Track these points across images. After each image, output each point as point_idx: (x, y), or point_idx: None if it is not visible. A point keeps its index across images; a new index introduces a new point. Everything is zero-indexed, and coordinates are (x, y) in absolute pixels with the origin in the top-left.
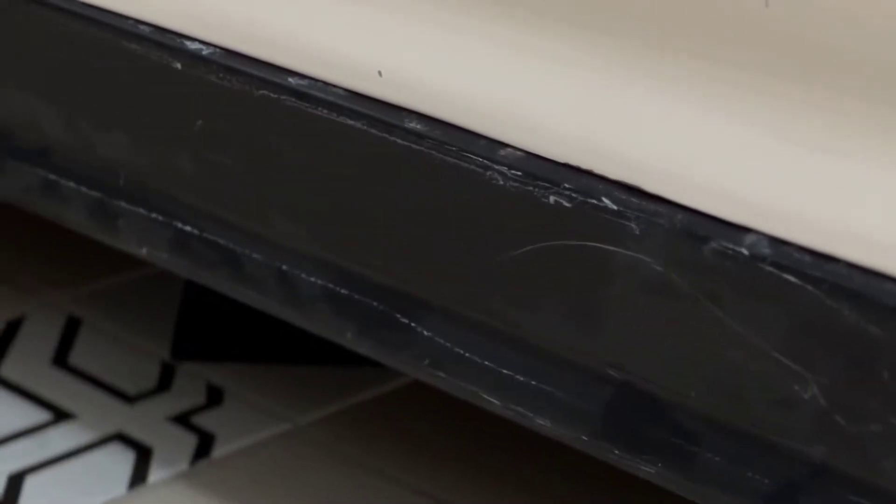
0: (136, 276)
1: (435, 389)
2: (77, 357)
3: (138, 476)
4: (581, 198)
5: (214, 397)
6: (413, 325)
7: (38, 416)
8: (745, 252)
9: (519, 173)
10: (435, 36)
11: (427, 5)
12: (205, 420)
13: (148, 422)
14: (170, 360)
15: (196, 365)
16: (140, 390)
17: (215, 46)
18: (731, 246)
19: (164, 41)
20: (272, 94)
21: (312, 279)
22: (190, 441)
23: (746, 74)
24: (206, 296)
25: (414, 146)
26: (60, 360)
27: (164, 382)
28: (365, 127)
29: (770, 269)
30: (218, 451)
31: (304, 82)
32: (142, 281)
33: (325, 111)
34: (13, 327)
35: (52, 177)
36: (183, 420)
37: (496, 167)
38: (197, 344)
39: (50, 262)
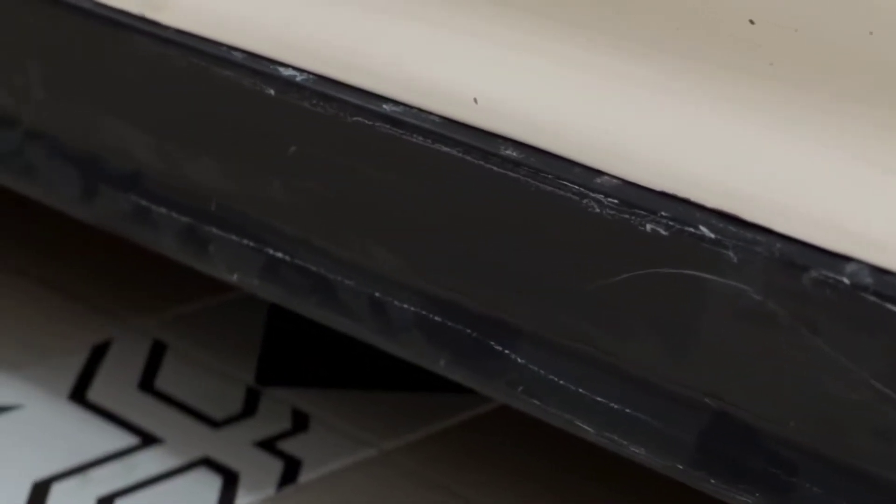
0: (221, 300)
1: (521, 414)
2: (163, 381)
3: (225, 501)
4: (678, 226)
5: (300, 423)
6: (507, 352)
7: (126, 440)
8: (846, 281)
9: (615, 201)
10: (530, 63)
11: (521, 34)
12: (290, 445)
13: (234, 447)
14: (255, 386)
15: (281, 390)
16: (226, 415)
17: (309, 73)
18: (831, 275)
19: (258, 67)
20: (366, 121)
21: (405, 306)
22: (276, 466)
23: (846, 103)
24: (290, 321)
25: (510, 174)
26: (146, 384)
27: (250, 408)
28: (460, 154)
29: (871, 298)
30: (304, 477)
31: (399, 109)
32: (226, 306)
33: (419, 138)
34: (100, 351)
35: (144, 202)
36: (269, 445)
37: (592, 195)
38: (281, 369)
39: (135, 286)
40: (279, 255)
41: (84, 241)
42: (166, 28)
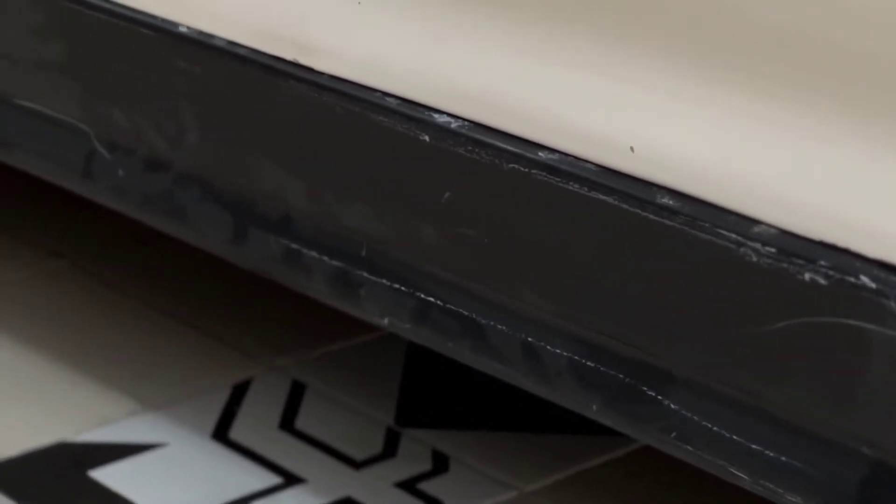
0: (360, 341)
1: (664, 456)
2: (303, 421)
3: None
4: (838, 275)
5: (440, 464)
6: (660, 398)
7: (269, 479)
8: None
9: (773, 250)
10: (687, 111)
11: (678, 81)
12: (431, 487)
13: (375, 488)
14: (395, 426)
15: (421, 431)
16: (366, 456)
17: (464, 119)
18: None
19: (412, 114)
20: (522, 168)
21: (558, 351)
22: None
23: None
24: (428, 361)
25: (666, 222)
26: (287, 424)
27: (390, 448)
28: (616, 202)
29: None
30: None
31: (555, 157)
32: (365, 346)
33: (575, 186)
34: (240, 391)
35: (295, 246)
36: (409, 486)
37: (749, 244)
38: (421, 410)
39: (275, 327)
40: (431, 299)
41: (226, 281)
42: (320, 74)
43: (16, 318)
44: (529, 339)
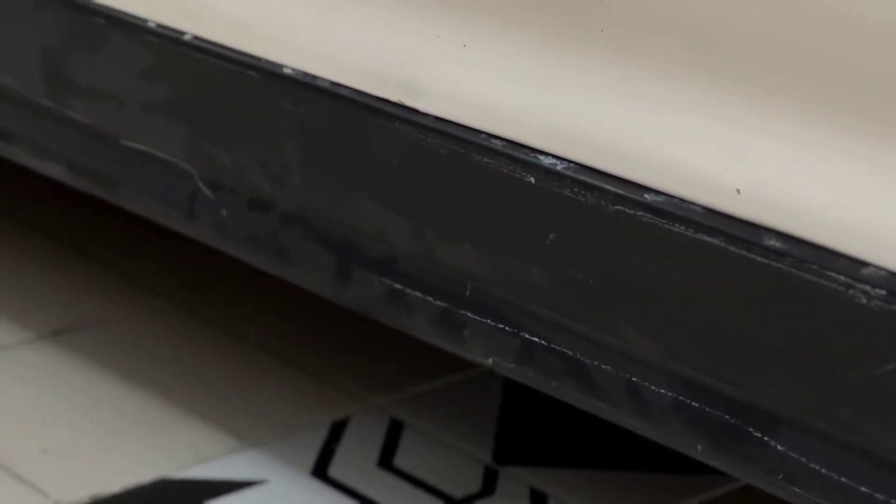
0: (456, 379)
1: (766, 496)
2: (402, 459)
3: None
4: None
5: (538, 502)
6: (766, 439)
7: None
8: None
9: (882, 292)
10: (794, 153)
11: (785, 123)
12: None
13: None
14: (492, 464)
15: (519, 469)
16: (465, 494)
17: (570, 161)
18: None
19: (518, 155)
20: (628, 210)
21: (663, 391)
22: None
23: None
24: (526, 398)
25: (773, 264)
26: (385, 461)
27: (488, 486)
28: (722, 244)
29: None
30: None
31: (661, 199)
32: (462, 384)
33: (681, 227)
34: (339, 428)
35: (399, 286)
36: None
37: (858, 286)
38: (519, 447)
39: (373, 365)
40: (535, 339)
41: (324, 318)
42: (425, 115)
43: (115, 354)
44: (634, 378)
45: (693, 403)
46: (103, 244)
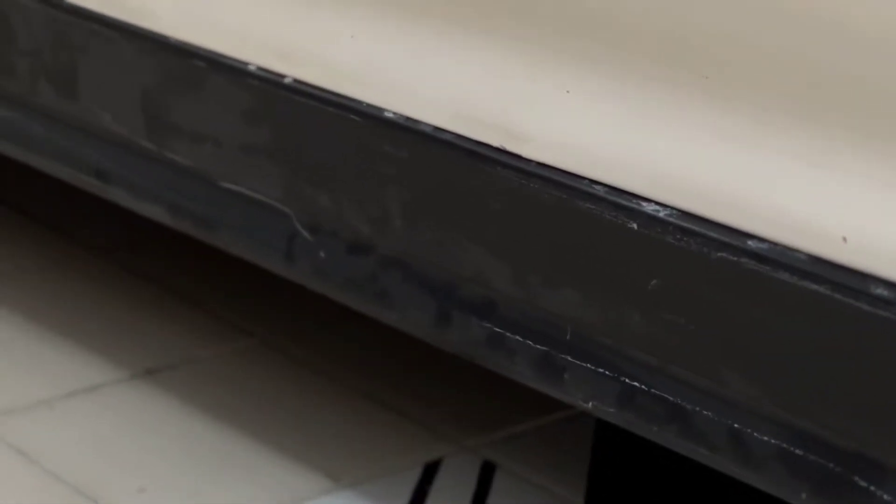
0: (548, 420)
1: None
2: (494, 501)
3: None
4: None
5: None
6: (872, 488)
7: None
8: None
9: None
10: None
11: (891, 169)
12: None
13: None
14: None
15: None
16: None
17: (672, 208)
18: None
19: (620, 201)
20: (731, 257)
21: (766, 438)
22: None
23: None
24: (618, 440)
25: (880, 312)
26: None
27: None
28: (828, 292)
29: None
30: None
31: (765, 246)
32: (554, 426)
33: (786, 275)
34: (431, 470)
35: (498, 330)
36: None
37: None
38: (611, 489)
39: (465, 406)
40: (636, 384)
41: (416, 360)
42: (527, 161)
43: (209, 393)
44: (736, 425)
45: (797, 451)
46: (198, 284)
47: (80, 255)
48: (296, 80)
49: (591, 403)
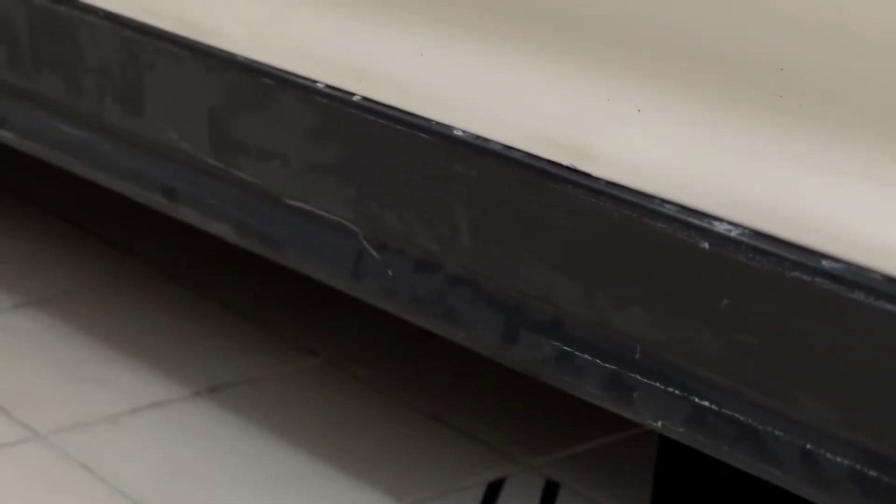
0: (611, 440)
1: None
2: None
3: None
4: None
5: None
6: None
7: None
8: None
9: None
10: None
11: None
12: None
13: None
14: None
15: None
16: None
17: (744, 227)
18: None
19: (691, 221)
20: (804, 277)
21: (839, 459)
22: None
23: None
24: (682, 459)
25: None
26: None
27: None
28: None
29: None
30: None
31: (839, 266)
32: (617, 444)
33: (860, 295)
34: (494, 489)
35: (566, 348)
36: None
37: None
38: None
39: (527, 425)
40: (706, 403)
41: (479, 379)
42: (597, 180)
43: (272, 412)
44: (808, 446)
45: (870, 472)
46: (262, 303)
47: (144, 273)
48: (364, 98)
49: (660, 423)
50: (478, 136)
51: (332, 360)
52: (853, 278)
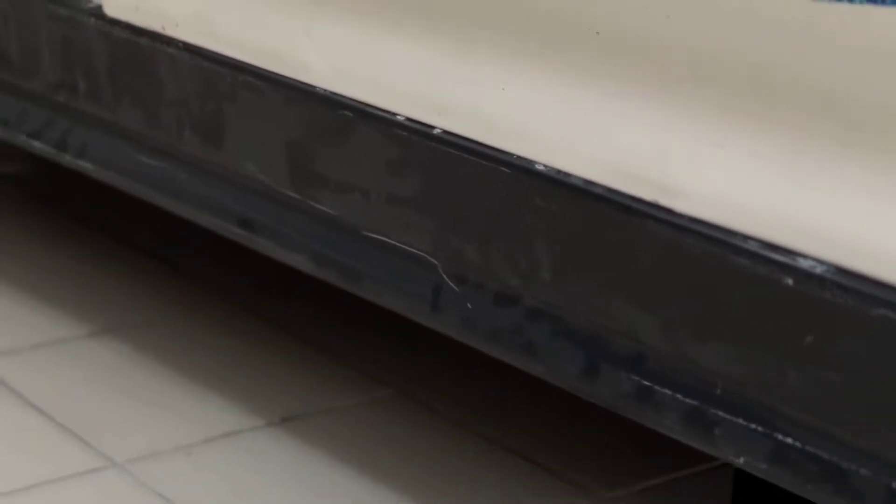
0: (686, 473)
1: None
2: None
3: None
4: None
5: None
6: None
7: None
8: None
9: None
10: None
11: None
12: None
13: None
14: None
15: None
16: None
17: (829, 264)
18: None
19: (774, 257)
20: (891, 315)
21: None
22: None
23: None
24: (757, 495)
25: None
26: None
27: None
28: None
29: None
30: None
31: None
32: (691, 478)
33: None
34: None
35: (647, 383)
36: None
37: None
38: None
39: (600, 458)
40: (789, 440)
41: (551, 410)
42: (680, 216)
43: (344, 442)
44: (894, 485)
45: None
46: (334, 334)
47: (218, 303)
48: (445, 132)
49: (742, 459)
50: (559, 171)
51: (404, 390)
52: None
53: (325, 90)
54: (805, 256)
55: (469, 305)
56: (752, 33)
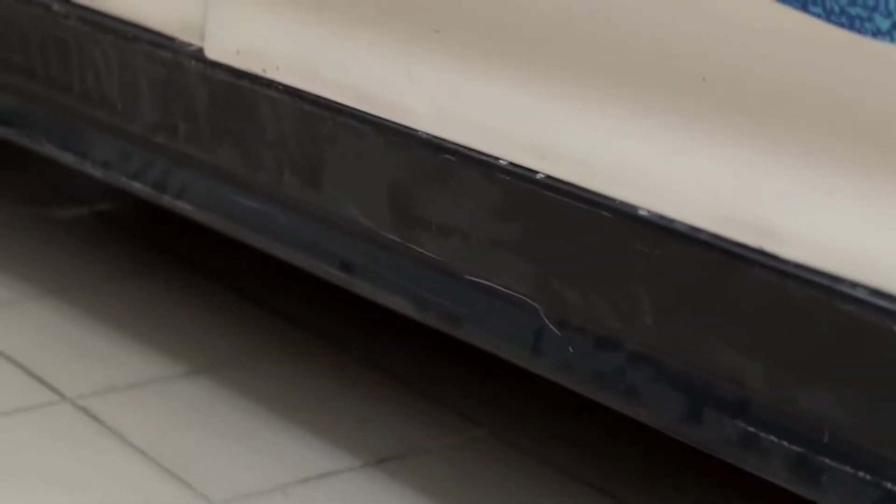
0: None
1: None
2: None
3: None
4: None
5: None
6: None
7: None
8: None
9: None
10: None
11: None
12: None
13: None
14: None
15: None
16: None
17: None
18: None
19: (883, 304)
20: None
21: None
22: None
23: None
24: None
25: None
26: None
27: None
28: None
29: None
30: None
31: None
32: None
33: None
34: None
35: (752, 429)
36: None
37: None
38: None
39: (691, 499)
40: None
41: (645, 450)
42: (786, 262)
43: (439, 483)
44: None
45: None
46: (429, 374)
47: (313, 343)
48: (548, 177)
49: None
50: (662, 216)
51: (498, 431)
52: None
53: (428, 134)
54: None
55: (570, 349)
56: (867, 83)
